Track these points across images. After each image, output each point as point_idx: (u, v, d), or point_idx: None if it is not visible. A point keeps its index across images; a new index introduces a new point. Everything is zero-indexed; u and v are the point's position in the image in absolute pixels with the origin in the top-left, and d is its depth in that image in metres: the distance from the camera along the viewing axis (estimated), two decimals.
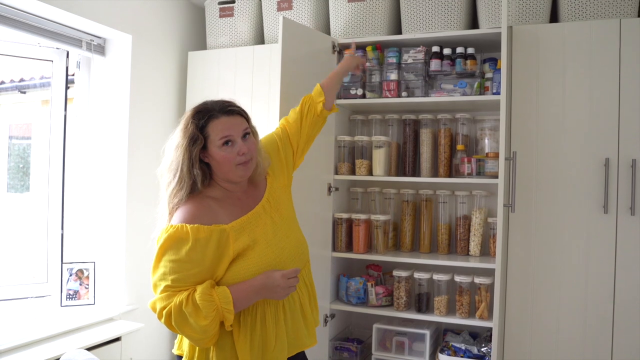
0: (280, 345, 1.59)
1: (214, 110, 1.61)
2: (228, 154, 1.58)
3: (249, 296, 1.52)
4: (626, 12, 2.40)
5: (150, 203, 3.00)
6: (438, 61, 2.67)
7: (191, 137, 1.57)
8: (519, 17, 2.57)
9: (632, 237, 2.32)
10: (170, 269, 1.47)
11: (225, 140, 1.58)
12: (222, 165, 1.59)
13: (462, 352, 2.54)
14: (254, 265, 1.56)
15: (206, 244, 1.49)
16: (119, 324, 2.69)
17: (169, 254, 1.49)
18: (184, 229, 1.49)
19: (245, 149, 1.60)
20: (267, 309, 1.59)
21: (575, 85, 2.42)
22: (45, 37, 2.61)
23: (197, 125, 1.59)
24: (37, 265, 2.79)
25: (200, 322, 1.44)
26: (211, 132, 1.58)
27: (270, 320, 1.58)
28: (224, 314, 1.46)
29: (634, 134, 2.32)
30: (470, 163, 2.62)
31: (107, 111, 2.91)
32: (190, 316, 1.43)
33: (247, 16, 3.10)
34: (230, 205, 1.62)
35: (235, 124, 1.61)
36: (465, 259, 2.64)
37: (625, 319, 2.32)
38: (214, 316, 1.45)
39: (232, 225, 1.56)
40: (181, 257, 1.47)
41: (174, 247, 1.49)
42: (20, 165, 2.88)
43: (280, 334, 1.59)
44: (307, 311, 1.70)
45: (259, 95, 2.96)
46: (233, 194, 1.65)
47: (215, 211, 1.57)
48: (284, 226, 1.69)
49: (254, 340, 1.56)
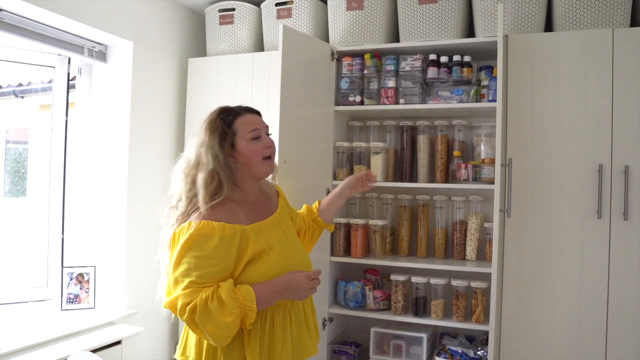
0: (286, 351, 1.61)
1: (238, 109, 1.69)
2: (257, 146, 1.64)
3: (271, 295, 1.55)
4: (619, 22, 2.46)
5: (151, 208, 3.02)
6: (435, 69, 2.72)
7: (221, 132, 1.61)
8: (514, 26, 2.62)
9: (625, 242, 2.36)
10: (195, 265, 1.48)
11: (255, 134, 1.64)
12: (250, 159, 1.63)
13: (459, 356, 2.57)
14: (268, 269, 1.59)
15: (231, 241, 1.53)
16: (119, 327, 2.71)
17: (194, 250, 1.50)
18: (211, 225, 1.52)
19: (271, 141, 1.68)
20: (276, 314, 1.61)
21: (570, 93, 2.47)
22: (47, 44, 2.64)
23: (225, 121, 1.63)
24: (38, 269, 2.81)
25: (224, 319, 1.45)
26: (239, 128, 1.64)
27: (278, 326, 1.61)
28: (247, 312, 1.48)
29: (626, 141, 2.37)
30: (467, 169, 2.66)
31: (108, 117, 2.94)
32: (215, 312, 1.44)
33: (247, 24, 3.14)
34: (247, 208, 1.66)
35: (260, 121, 1.70)
36: (461, 264, 2.68)
37: (619, 323, 2.36)
38: (237, 313, 1.46)
39: (251, 227, 1.60)
40: (207, 253, 1.49)
41: (200, 243, 1.50)
42: (16, 170, 2.90)
43: (287, 340, 1.62)
44: (310, 321, 1.73)
45: (258, 102, 2.97)
46: (248, 198, 1.69)
47: (235, 212, 1.60)
48: (293, 241, 1.74)
49: (262, 344, 1.58)
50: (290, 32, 2.52)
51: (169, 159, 3.20)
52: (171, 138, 3.23)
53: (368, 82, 2.86)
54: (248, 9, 3.14)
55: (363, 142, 2.89)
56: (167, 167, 3.14)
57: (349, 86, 2.86)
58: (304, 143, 2.61)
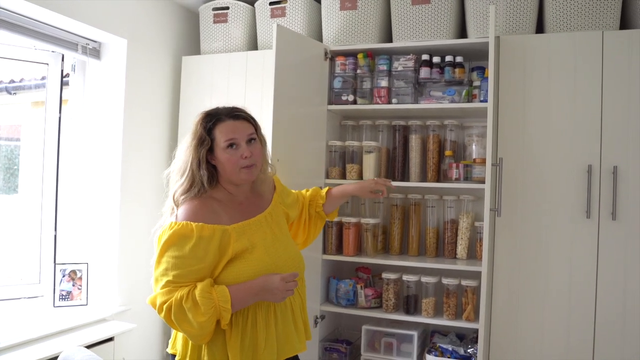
0: (270, 348, 1.62)
1: (222, 114, 1.68)
2: (232, 156, 1.64)
3: (247, 297, 1.56)
4: (609, 25, 2.49)
5: (144, 205, 3.06)
6: (427, 69, 2.74)
7: (199, 138, 1.64)
8: (506, 27, 2.65)
9: (614, 242, 2.39)
10: (172, 264, 1.51)
11: (230, 143, 1.64)
12: (226, 167, 1.64)
13: (449, 353, 2.60)
14: (250, 268, 1.60)
15: (209, 241, 1.54)
16: (111, 324, 2.72)
17: (172, 250, 1.53)
18: (189, 226, 1.54)
19: (248, 152, 1.65)
20: (259, 312, 1.62)
21: (560, 94, 2.50)
22: (41, 40, 2.64)
23: (205, 127, 1.65)
24: (30, 266, 2.81)
25: (198, 319, 1.47)
26: (217, 135, 1.65)
27: (261, 323, 1.62)
28: (222, 312, 1.50)
29: (615, 142, 2.40)
30: (458, 168, 2.68)
31: (102, 114, 2.94)
32: (189, 312, 1.47)
33: (241, 22, 3.15)
34: (231, 208, 1.67)
35: (241, 128, 1.67)
36: (452, 262, 2.70)
37: (607, 321, 2.39)
38: (211, 313, 1.48)
39: (233, 226, 1.61)
40: (184, 253, 1.52)
41: (178, 244, 1.53)
42: (7, 167, 2.89)
43: (270, 338, 1.63)
44: (298, 319, 1.73)
45: (251, 101, 2.99)
46: (235, 198, 1.71)
47: (217, 212, 1.62)
48: (283, 239, 1.74)
49: (244, 341, 1.59)
50: (284, 31, 2.53)
51: (162, 157, 3.21)
52: (164, 136, 3.23)
53: (361, 81, 2.88)
54: (242, 7, 3.15)
55: (356, 141, 2.91)
56: (160, 164, 3.18)
57: (342, 85, 2.88)
58: (297, 141, 2.62)
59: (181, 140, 3.22)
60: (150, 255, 3.22)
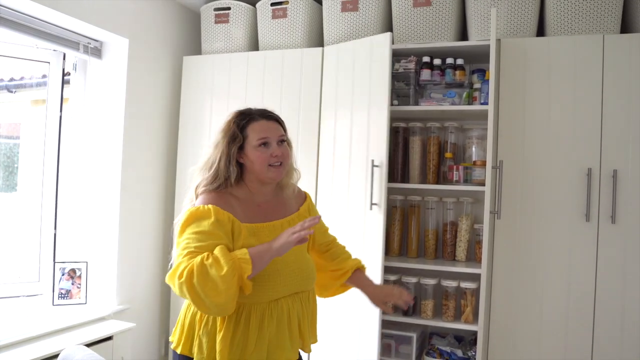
0: (259, 350, 1.62)
1: (255, 114, 1.72)
2: (262, 154, 1.67)
3: (261, 251, 1.54)
4: (609, 29, 2.50)
5: (144, 204, 3.06)
6: (428, 71, 2.75)
7: (232, 135, 1.68)
8: (507, 30, 2.65)
9: (613, 245, 2.40)
10: (193, 238, 1.54)
11: (263, 142, 1.67)
12: (255, 164, 1.67)
13: (448, 355, 2.61)
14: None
15: (224, 225, 1.58)
16: (110, 323, 2.72)
17: (192, 227, 1.56)
18: (206, 208, 1.58)
19: (279, 152, 1.68)
20: (253, 312, 1.62)
21: (560, 97, 2.50)
22: (42, 39, 2.65)
23: (238, 125, 1.69)
24: (29, 264, 2.81)
25: (220, 272, 1.45)
26: (250, 133, 1.68)
27: (253, 323, 1.61)
28: (241, 264, 1.48)
29: (615, 145, 2.41)
30: (458, 171, 2.69)
31: (103, 113, 2.94)
32: (211, 267, 1.45)
33: (242, 23, 3.16)
34: (247, 208, 1.69)
35: (273, 129, 1.71)
36: (451, 264, 2.71)
37: (606, 324, 2.39)
38: (231, 265, 1.46)
39: (245, 225, 1.63)
40: (204, 229, 1.55)
41: (196, 222, 1.57)
42: (7, 165, 2.89)
43: (261, 340, 1.62)
44: (294, 327, 1.71)
45: (251, 101, 2.99)
46: (255, 198, 1.72)
47: (233, 207, 1.65)
48: (297, 249, 1.71)
49: (235, 337, 1.59)
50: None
51: (162, 156, 3.22)
52: (165, 135, 3.24)
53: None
54: (243, 8, 3.15)
55: None
56: (160, 163, 3.18)
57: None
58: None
59: (181, 138, 3.22)
60: (150, 255, 3.23)
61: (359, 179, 2.69)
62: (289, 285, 1.67)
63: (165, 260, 3.22)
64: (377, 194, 2.60)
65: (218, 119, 3.07)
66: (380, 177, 2.60)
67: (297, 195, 1.87)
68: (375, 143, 2.64)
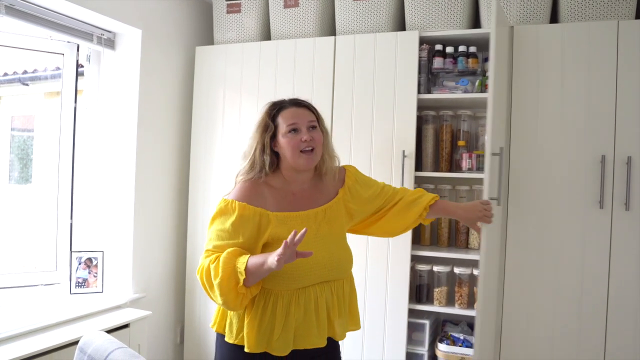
0: (285, 335, 1.65)
1: (285, 102, 1.79)
2: (292, 140, 1.71)
3: (258, 264, 1.54)
4: (624, 15, 2.47)
5: (158, 194, 3.09)
6: (441, 59, 2.74)
7: (264, 125, 1.75)
8: (520, 17, 2.64)
9: (627, 232, 2.39)
10: (215, 236, 1.66)
11: (292, 128, 1.72)
12: (287, 151, 1.72)
13: (461, 342, 2.62)
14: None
15: (247, 221, 1.64)
16: (126, 311, 2.75)
17: (217, 224, 1.67)
18: (233, 204, 1.66)
19: (308, 137, 1.71)
20: (280, 299, 1.66)
21: (574, 84, 2.49)
22: (57, 31, 2.67)
23: (269, 115, 1.76)
24: (46, 254, 2.85)
25: (215, 279, 1.57)
26: (280, 121, 1.74)
27: (280, 310, 1.65)
28: (237, 275, 1.55)
29: (629, 132, 2.39)
30: (471, 158, 2.69)
31: (117, 103, 2.97)
32: (213, 271, 1.58)
33: (254, 12, 3.16)
34: (281, 196, 1.73)
35: (302, 114, 1.75)
36: (464, 252, 2.72)
37: (619, 312, 2.39)
38: (227, 273, 1.56)
39: (275, 214, 1.68)
40: (225, 227, 1.64)
41: (221, 219, 1.67)
42: (21, 157, 2.93)
43: (288, 326, 1.65)
44: (322, 315, 1.71)
45: (264, 91, 3.02)
46: (290, 187, 1.76)
47: (265, 197, 1.70)
48: (328, 238, 1.75)
49: (262, 322, 1.65)
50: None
51: (176, 146, 3.24)
52: (178, 125, 3.26)
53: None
54: None
55: None
56: (174, 153, 3.21)
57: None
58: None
59: (195, 129, 3.24)
60: (165, 244, 3.26)
61: (384, 169, 2.75)
62: (316, 274, 1.69)
63: (179, 249, 3.25)
64: (408, 185, 2.69)
65: (231, 109, 3.11)
66: (410, 167, 2.70)
67: (338, 179, 1.86)
68: (403, 133, 2.72)
